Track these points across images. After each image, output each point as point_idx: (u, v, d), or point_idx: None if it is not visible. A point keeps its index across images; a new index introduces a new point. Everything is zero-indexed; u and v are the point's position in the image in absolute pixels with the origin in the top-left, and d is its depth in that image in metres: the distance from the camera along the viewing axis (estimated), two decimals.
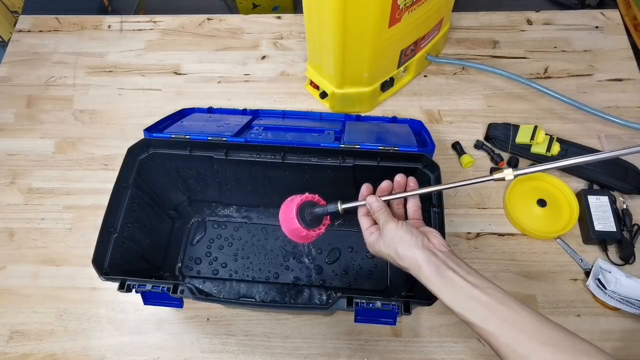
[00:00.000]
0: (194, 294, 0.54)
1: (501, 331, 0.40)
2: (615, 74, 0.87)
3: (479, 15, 0.95)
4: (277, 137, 0.71)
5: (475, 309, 0.42)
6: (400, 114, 0.84)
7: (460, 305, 0.43)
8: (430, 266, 0.45)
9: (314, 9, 0.67)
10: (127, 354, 0.67)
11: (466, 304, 0.42)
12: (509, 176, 0.46)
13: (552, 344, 0.38)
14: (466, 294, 0.43)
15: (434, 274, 0.44)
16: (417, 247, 0.46)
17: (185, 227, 0.76)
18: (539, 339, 0.39)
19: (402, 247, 0.47)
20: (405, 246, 0.47)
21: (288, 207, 0.55)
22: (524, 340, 0.39)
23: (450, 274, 0.44)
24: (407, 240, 0.47)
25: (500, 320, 0.41)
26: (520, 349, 0.39)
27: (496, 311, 0.41)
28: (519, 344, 0.39)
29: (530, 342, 0.39)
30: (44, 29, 0.99)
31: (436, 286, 0.44)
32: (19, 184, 0.81)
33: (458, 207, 0.76)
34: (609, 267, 0.68)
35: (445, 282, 0.44)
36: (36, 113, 0.88)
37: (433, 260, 0.45)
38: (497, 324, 0.41)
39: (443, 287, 0.44)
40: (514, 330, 0.40)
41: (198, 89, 0.90)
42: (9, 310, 0.71)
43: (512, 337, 0.40)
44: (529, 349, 0.39)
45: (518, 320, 0.40)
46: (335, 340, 0.67)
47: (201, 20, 0.98)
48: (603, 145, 0.79)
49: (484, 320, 0.41)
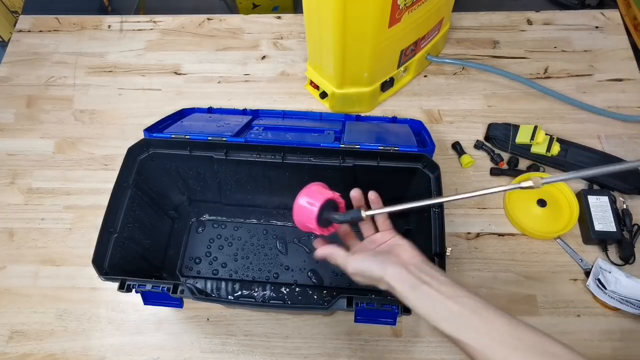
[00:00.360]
0: (193, 294, 0.54)
1: (475, 341, 0.40)
2: (615, 74, 0.87)
3: (479, 15, 0.95)
4: (277, 137, 0.71)
5: (449, 319, 0.42)
6: (400, 114, 0.84)
7: (434, 317, 0.43)
8: (403, 284, 0.45)
9: (314, 9, 0.67)
10: (127, 354, 0.67)
11: (440, 315, 0.43)
12: (537, 183, 0.44)
13: (525, 348, 0.39)
14: (440, 305, 0.43)
15: (408, 290, 0.45)
16: (387, 269, 0.47)
17: (185, 227, 0.76)
18: (512, 345, 0.39)
19: (372, 274, 0.48)
20: (375, 272, 0.48)
21: (311, 202, 0.52)
22: (497, 348, 0.39)
23: (424, 287, 0.44)
24: (374, 268, 0.48)
25: (474, 330, 0.41)
26: (493, 358, 0.39)
27: (469, 321, 0.41)
28: (492, 352, 0.39)
29: (503, 349, 0.39)
30: (44, 29, 0.99)
31: (412, 302, 0.45)
32: (19, 184, 0.81)
33: (458, 207, 0.76)
34: (609, 267, 0.68)
35: (419, 297, 0.44)
36: (36, 113, 0.88)
37: (405, 277, 0.46)
38: (470, 333, 0.41)
39: (418, 301, 0.44)
40: (486, 338, 0.40)
41: (198, 89, 0.90)
42: (9, 310, 0.71)
43: (485, 345, 0.40)
44: (503, 356, 0.39)
45: (491, 329, 0.41)
46: (335, 340, 0.67)
47: (201, 20, 0.98)
48: (603, 145, 0.79)
49: (458, 331, 0.42)
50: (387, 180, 0.67)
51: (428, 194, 0.61)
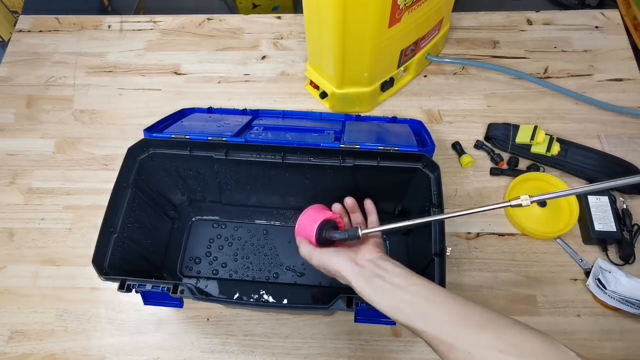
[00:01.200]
0: (193, 294, 0.54)
1: (427, 326, 0.41)
2: (615, 74, 0.87)
3: (479, 15, 0.95)
4: (277, 137, 0.71)
5: (402, 309, 0.43)
6: (400, 114, 0.84)
7: (388, 308, 0.44)
8: (358, 278, 0.48)
9: (314, 9, 0.67)
10: (127, 354, 0.67)
11: (394, 305, 0.44)
12: (526, 202, 0.46)
13: (475, 325, 0.40)
14: (392, 296, 0.44)
15: (363, 284, 0.47)
16: (343, 263, 0.50)
17: (185, 227, 0.76)
18: (462, 323, 0.40)
19: (330, 267, 0.51)
20: (333, 266, 0.51)
21: (310, 222, 0.56)
22: (448, 329, 0.40)
23: (376, 280, 0.46)
24: (333, 262, 0.51)
25: (425, 316, 0.42)
26: (445, 338, 0.40)
27: (420, 307, 0.43)
28: (443, 334, 0.40)
29: (454, 329, 0.40)
30: (44, 29, 0.99)
31: (367, 295, 0.46)
32: (19, 184, 0.81)
33: (458, 207, 0.76)
34: (609, 267, 0.68)
35: (373, 290, 0.46)
36: (36, 113, 0.88)
37: (359, 271, 0.48)
38: (422, 319, 0.42)
39: (372, 295, 0.46)
40: (437, 322, 0.41)
41: (198, 89, 0.90)
42: (9, 310, 0.71)
43: (437, 328, 0.41)
44: (453, 335, 0.40)
45: (441, 312, 0.42)
46: (335, 340, 0.67)
47: (201, 20, 0.98)
48: (603, 145, 0.79)
49: (410, 319, 0.43)
50: (387, 180, 0.67)
51: (428, 194, 0.61)
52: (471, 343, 0.38)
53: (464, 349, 0.38)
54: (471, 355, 0.38)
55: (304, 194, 0.72)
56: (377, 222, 0.61)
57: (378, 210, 0.74)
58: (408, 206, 0.71)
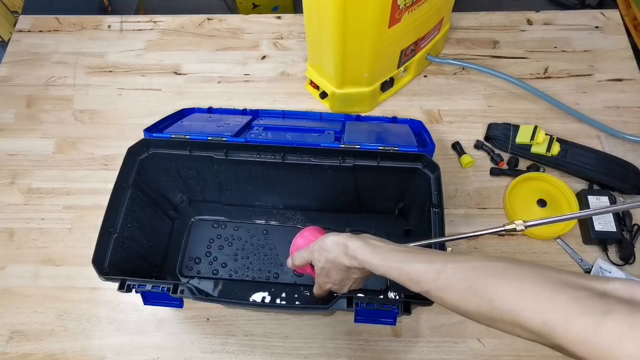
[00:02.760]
0: (193, 294, 0.54)
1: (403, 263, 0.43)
2: (615, 74, 0.87)
3: (479, 15, 0.95)
4: (277, 137, 0.71)
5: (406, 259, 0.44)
6: (400, 114, 0.84)
7: (398, 265, 0.44)
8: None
9: (314, 9, 0.67)
10: (127, 354, 0.67)
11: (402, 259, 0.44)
12: (520, 227, 0.46)
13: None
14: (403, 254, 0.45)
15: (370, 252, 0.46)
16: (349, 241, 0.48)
17: (185, 227, 0.76)
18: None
19: (334, 254, 0.49)
20: (335, 251, 0.49)
21: (303, 242, 0.57)
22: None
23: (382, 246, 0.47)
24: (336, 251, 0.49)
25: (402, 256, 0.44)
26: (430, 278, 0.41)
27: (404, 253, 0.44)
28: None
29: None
30: (44, 29, 0.99)
31: (377, 263, 0.46)
32: (19, 184, 0.81)
33: (458, 207, 0.76)
34: (609, 267, 0.68)
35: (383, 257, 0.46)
36: (36, 113, 0.88)
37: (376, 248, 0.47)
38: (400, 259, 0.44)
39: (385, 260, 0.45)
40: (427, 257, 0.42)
41: (198, 89, 0.90)
42: (9, 310, 0.71)
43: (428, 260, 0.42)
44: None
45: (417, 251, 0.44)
46: (335, 340, 0.67)
47: (201, 20, 0.98)
48: (603, 145, 0.79)
49: (384, 261, 0.44)
50: (387, 180, 0.67)
51: (428, 194, 0.61)
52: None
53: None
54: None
55: (304, 194, 0.72)
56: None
57: (378, 210, 0.74)
58: (408, 206, 0.71)
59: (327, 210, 0.74)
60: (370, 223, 0.74)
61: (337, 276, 0.51)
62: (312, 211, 0.75)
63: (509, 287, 0.36)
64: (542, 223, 0.46)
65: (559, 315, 0.32)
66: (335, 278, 0.51)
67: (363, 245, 0.47)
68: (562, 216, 0.46)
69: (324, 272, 0.52)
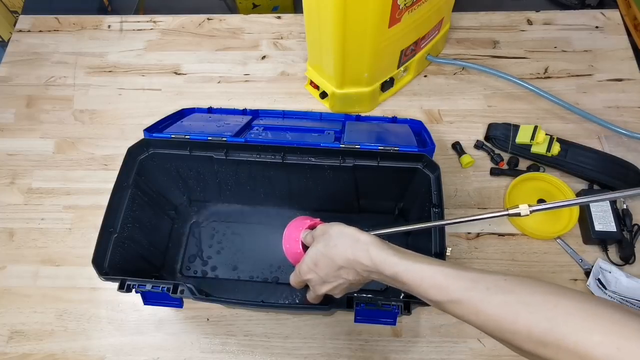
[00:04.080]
0: (193, 294, 0.54)
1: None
2: (615, 74, 0.87)
3: (479, 15, 0.95)
4: (277, 137, 0.71)
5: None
6: (400, 114, 0.84)
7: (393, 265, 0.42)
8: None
9: (314, 9, 0.67)
10: (127, 354, 0.67)
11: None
12: (525, 211, 0.45)
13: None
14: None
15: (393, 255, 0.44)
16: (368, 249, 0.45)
17: (185, 227, 0.76)
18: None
19: (356, 259, 0.45)
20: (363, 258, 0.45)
21: (294, 229, 0.55)
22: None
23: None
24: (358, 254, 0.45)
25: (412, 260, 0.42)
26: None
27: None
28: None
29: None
30: (44, 29, 0.99)
31: (397, 266, 0.43)
32: (19, 184, 0.81)
33: (458, 207, 0.76)
34: (609, 267, 0.68)
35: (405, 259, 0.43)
36: (36, 113, 0.88)
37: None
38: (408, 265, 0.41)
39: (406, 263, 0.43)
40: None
41: (198, 89, 0.90)
42: (9, 310, 0.70)
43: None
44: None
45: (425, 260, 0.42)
46: (335, 340, 0.67)
47: (201, 20, 0.98)
48: (603, 145, 0.79)
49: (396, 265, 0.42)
50: (387, 180, 0.67)
51: (428, 194, 0.61)
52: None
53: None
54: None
55: (304, 194, 0.72)
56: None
57: (378, 210, 0.74)
58: (408, 206, 0.71)
59: (327, 210, 0.74)
60: (370, 223, 0.73)
61: (326, 271, 0.47)
62: (312, 211, 0.75)
63: (578, 314, 0.31)
64: (547, 208, 0.45)
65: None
66: (322, 271, 0.47)
67: (378, 242, 0.44)
68: (569, 201, 0.45)
69: (314, 260, 0.48)
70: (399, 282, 0.42)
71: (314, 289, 0.51)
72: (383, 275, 0.44)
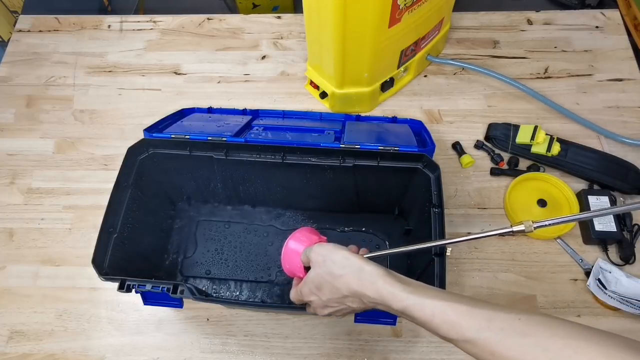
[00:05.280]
0: (193, 294, 0.54)
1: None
2: (615, 74, 0.87)
3: (479, 15, 0.95)
4: (277, 137, 0.71)
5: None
6: (400, 114, 0.84)
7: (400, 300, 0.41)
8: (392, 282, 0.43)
9: (314, 9, 0.67)
10: (127, 354, 0.67)
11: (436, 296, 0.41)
12: (529, 229, 0.45)
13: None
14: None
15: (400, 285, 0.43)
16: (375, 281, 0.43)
17: (185, 227, 0.76)
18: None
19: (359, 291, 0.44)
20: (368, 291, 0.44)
21: (295, 249, 0.54)
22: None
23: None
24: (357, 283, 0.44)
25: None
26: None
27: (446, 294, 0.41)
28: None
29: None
30: (44, 29, 0.99)
31: (404, 299, 0.42)
32: (18, 184, 0.81)
33: (458, 207, 0.76)
34: (609, 267, 0.68)
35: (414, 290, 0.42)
36: (36, 113, 0.88)
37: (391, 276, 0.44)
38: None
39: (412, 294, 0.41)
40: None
41: (198, 89, 0.90)
42: (9, 310, 0.70)
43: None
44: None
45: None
46: (335, 340, 0.67)
47: (201, 20, 0.98)
48: (603, 145, 0.79)
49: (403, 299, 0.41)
50: (387, 180, 0.67)
51: (428, 194, 0.61)
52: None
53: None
54: None
55: (304, 194, 0.72)
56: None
57: (378, 210, 0.74)
58: (408, 206, 0.71)
59: (327, 210, 0.74)
60: (370, 223, 0.74)
61: (329, 296, 0.45)
62: (312, 211, 0.75)
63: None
64: (552, 224, 0.44)
65: None
66: (325, 296, 0.46)
67: (385, 273, 0.42)
68: (573, 216, 0.45)
69: (316, 284, 0.46)
70: (408, 317, 0.41)
71: (315, 311, 0.50)
72: (391, 309, 0.42)
